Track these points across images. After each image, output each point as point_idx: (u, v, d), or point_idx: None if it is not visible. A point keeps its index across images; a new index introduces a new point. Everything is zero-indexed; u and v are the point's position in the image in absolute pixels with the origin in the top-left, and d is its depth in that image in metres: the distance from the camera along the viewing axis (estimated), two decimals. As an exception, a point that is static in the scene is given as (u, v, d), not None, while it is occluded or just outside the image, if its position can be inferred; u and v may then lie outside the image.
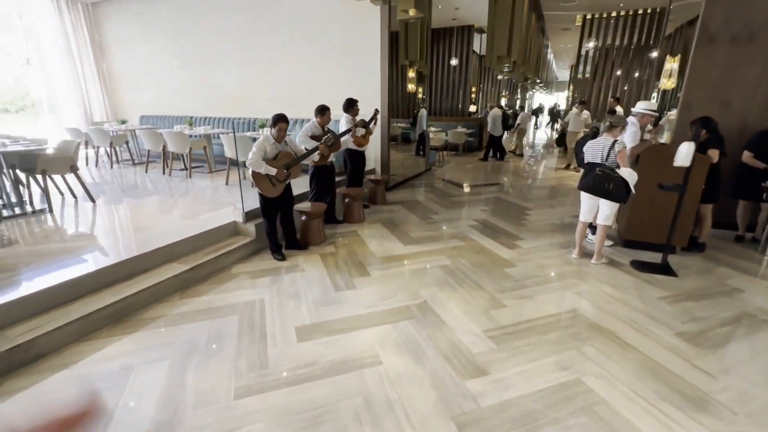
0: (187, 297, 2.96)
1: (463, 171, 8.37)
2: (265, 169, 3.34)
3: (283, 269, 3.46)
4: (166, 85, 8.29)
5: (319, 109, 4.14)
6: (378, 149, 6.20)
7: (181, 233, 3.48)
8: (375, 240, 4.17)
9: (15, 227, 3.75)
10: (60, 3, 8.18)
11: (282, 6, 6.41)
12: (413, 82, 7.41)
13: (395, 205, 5.60)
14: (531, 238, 4.24)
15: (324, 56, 6.27)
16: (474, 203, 5.72)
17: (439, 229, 4.53)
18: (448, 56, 12.02)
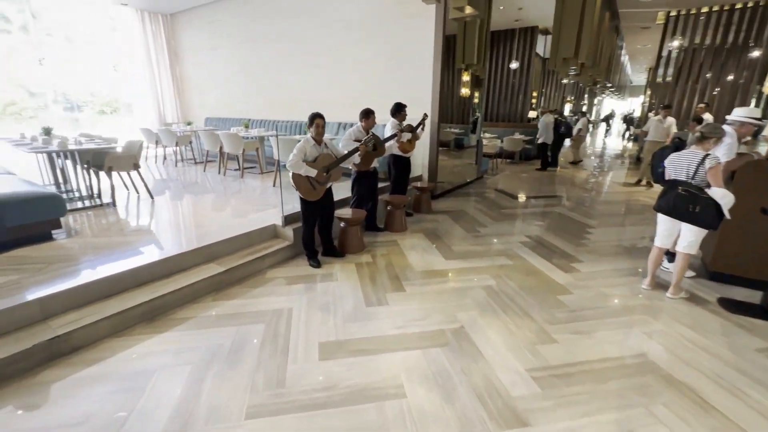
0: (220, 299, 2.96)
1: (518, 181, 7.82)
2: (305, 171, 3.27)
3: (316, 277, 3.36)
4: (228, 89, 8.75)
5: (364, 113, 4.02)
6: (426, 155, 5.96)
7: (223, 233, 3.53)
8: (415, 252, 3.94)
9: (81, 219, 4.06)
10: (144, 14, 9.00)
11: (335, 9, 6.43)
12: (467, 86, 7.08)
13: (441, 214, 5.31)
14: (592, 261, 3.75)
15: (376, 59, 6.18)
16: (528, 217, 5.26)
17: (485, 244, 4.18)
18: (508, 59, 11.42)
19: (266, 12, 7.43)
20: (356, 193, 4.24)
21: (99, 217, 4.14)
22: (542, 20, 10.54)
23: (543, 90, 14.26)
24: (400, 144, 4.63)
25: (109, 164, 4.31)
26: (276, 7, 7.25)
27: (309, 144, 3.36)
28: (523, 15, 10.10)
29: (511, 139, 9.67)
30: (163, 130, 7.24)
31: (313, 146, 3.38)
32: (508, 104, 11.85)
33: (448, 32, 5.70)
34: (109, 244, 3.32)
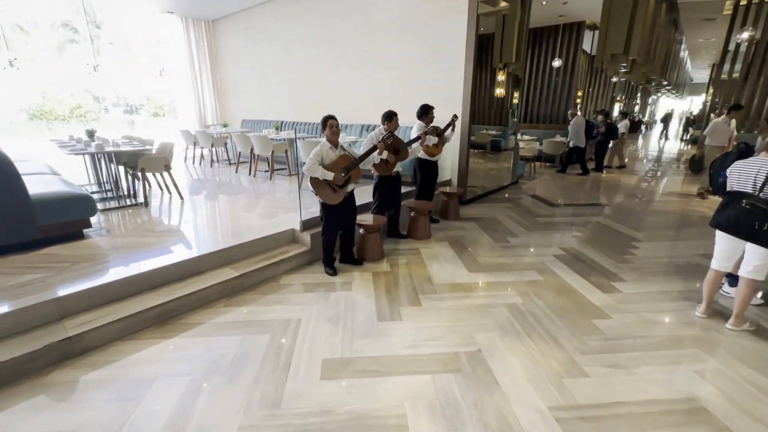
0: (232, 305, 2.92)
1: (558, 186, 7.32)
2: (321, 174, 3.16)
3: (331, 286, 3.24)
4: (263, 91, 8.93)
5: (386, 116, 3.86)
6: (455, 158, 5.70)
7: (242, 236, 3.53)
8: (437, 262, 3.73)
9: (115, 218, 4.22)
10: (188, 21, 9.41)
11: (366, 10, 6.32)
12: (502, 86, 6.70)
13: (469, 221, 5.04)
14: (636, 281, 3.34)
15: (406, 60, 6.00)
16: (565, 226, 4.85)
17: (514, 256, 3.87)
18: (551, 57, 10.80)
19: (299, 15, 7.48)
20: (377, 199, 4.09)
21: (131, 216, 4.28)
22: (590, 14, 9.86)
23: (590, 89, 13.40)
24: (425, 147, 4.43)
25: (141, 165, 4.46)
26: (308, 11, 7.28)
27: (325, 147, 3.25)
28: (568, 9, 9.49)
29: (551, 142, 9.12)
30: (200, 132, 7.49)
31: (330, 149, 3.27)
32: (550, 105, 11.20)
33: (485, 30, 5.42)
34: (133, 245, 3.40)
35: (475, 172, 6.21)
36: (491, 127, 8.33)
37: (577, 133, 8.34)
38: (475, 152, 7.12)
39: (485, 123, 7.65)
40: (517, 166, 7.38)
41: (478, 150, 7.28)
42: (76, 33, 20.47)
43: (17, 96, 20.60)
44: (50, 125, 20.68)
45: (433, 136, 4.41)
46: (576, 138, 8.38)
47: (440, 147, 4.55)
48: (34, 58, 20.63)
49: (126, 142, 5.06)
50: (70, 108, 21.82)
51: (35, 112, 20.67)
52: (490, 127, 8.20)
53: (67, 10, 20.67)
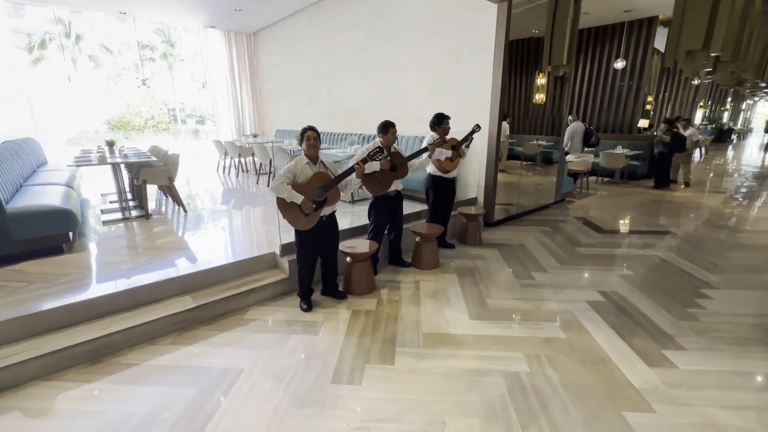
0: (179, 343, 2.55)
1: (614, 207, 6.20)
2: (289, 195, 2.69)
3: (297, 325, 2.75)
4: (296, 101, 8.84)
5: (381, 127, 3.33)
6: (482, 173, 4.97)
7: (220, 259, 3.22)
8: (434, 301, 3.08)
9: (108, 230, 4.14)
10: (230, 35, 9.68)
11: (393, 13, 5.86)
12: (547, 91, 5.81)
13: (491, 248, 4.29)
14: (701, 351, 2.43)
15: (430, 63, 5.43)
16: (612, 261, 3.92)
17: (535, 299, 3.10)
18: (614, 58, 9.50)
19: (328, 22, 7.25)
20: (373, 221, 3.54)
21: (125, 230, 4.18)
22: (662, 8, 8.52)
23: (664, 94, 11.68)
24: (436, 162, 3.82)
25: (143, 177, 4.37)
26: (336, 17, 7.01)
27: (302, 163, 2.80)
28: (635, 2, 8.26)
29: (609, 154, 7.92)
30: (228, 142, 7.53)
31: (307, 165, 2.80)
32: (612, 112, 9.85)
33: (535, 32, 4.71)
34: (102, 264, 3.21)
35: (511, 188, 5.40)
36: (542, 137, 7.40)
37: (571, 140, 7.34)
38: (523, 165, 6.29)
39: (535, 132, 6.72)
40: (562, 181, 6.39)
41: (528, 162, 6.41)
42: (153, 51, 22.63)
43: (106, 108, 23.26)
44: (127, 134, 22.99)
45: (445, 149, 3.79)
46: (570, 145, 7.57)
47: (455, 162, 3.90)
48: (119, 75, 23.16)
49: (139, 153, 5.07)
50: (144, 119, 24.14)
51: (116, 123, 23.10)
52: (540, 137, 7.28)
53: (147, 31, 22.96)
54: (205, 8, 7.71)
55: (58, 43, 20.01)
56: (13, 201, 3.44)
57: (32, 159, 5.24)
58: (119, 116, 23.25)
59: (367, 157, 2.94)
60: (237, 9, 7.70)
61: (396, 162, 3.33)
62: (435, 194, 4.03)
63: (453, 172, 3.95)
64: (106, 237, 3.94)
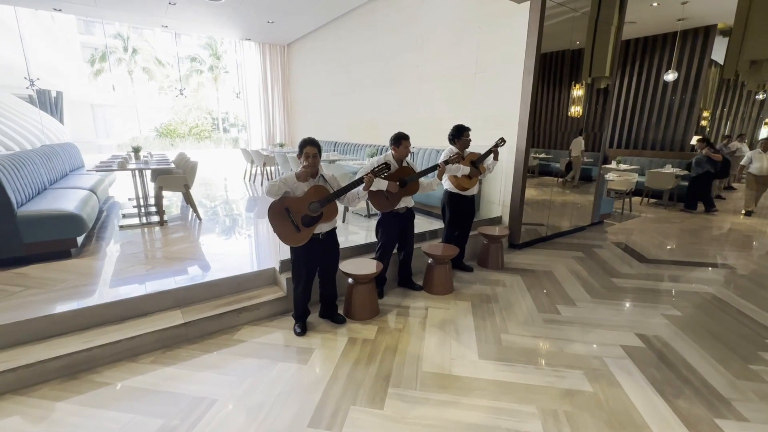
0: (160, 362, 2.39)
1: (660, 232, 5.56)
2: (280, 185, 2.48)
3: (286, 351, 2.53)
4: (322, 111, 8.84)
5: (393, 139, 3.09)
6: (506, 190, 4.59)
7: (226, 270, 3.10)
8: (441, 333, 2.76)
9: (119, 237, 4.16)
10: (265, 47, 9.92)
11: (419, 21, 5.68)
12: (579, 103, 5.34)
13: (514, 274, 3.90)
14: (764, 420, 1.95)
15: (456, 73, 5.16)
16: (656, 297, 3.40)
17: (559, 339, 2.69)
18: (663, 69, 8.78)
19: (355, 33, 7.19)
20: (381, 239, 3.28)
21: (137, 236, 4.18)
22: (721, 16, 7.78)
23: (723, 109, 10.65)
24: (453, 179, 3.53)
25: (159, 184, 4.40)
26: (364, 26, 6.93)
27: (299, 178, 2.61)
28: (690, 10, 7.59)
29: (656, 173, 7.22)
30: (254, 151, 7.60)
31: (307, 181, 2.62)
32: (661, 127, 9.07)
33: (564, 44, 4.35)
34: (102, 272, 3.16)
35: (543, 207, 4.96)
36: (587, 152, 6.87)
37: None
38: (559, 182, 5.82)
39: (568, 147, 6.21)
40: (600, 201, 5.83)
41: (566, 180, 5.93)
42: (201, 63, 23.97)
43: (156, 116, 24.83)
44: (173, 141, 24.34)
45: (464, 164, 3.49)
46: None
47: (474, 179, 3.58)
48: (170, 86, 24.69)
49: (162, 160, 5.14)
50: (189, 127, 25.49)
51: (163, 130, 24.55)
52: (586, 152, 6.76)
53: (196, 46, 24.39)
54: (239, 22, 7.92)
55: (117, 56, 21.66)
56: (31, 203, 3.51)
57: (66, 163, 5.46)
58: (166, 124, 24.70)
59: (377, 170, 2.70)
60: (269, 21, 7.84)
61: (406, 178, 3.07)
62: (452, 212, 3.72)
63: (472, 189, 3.63)
64: (117, 242, 3.95)
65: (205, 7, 6.92)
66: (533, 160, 5.08)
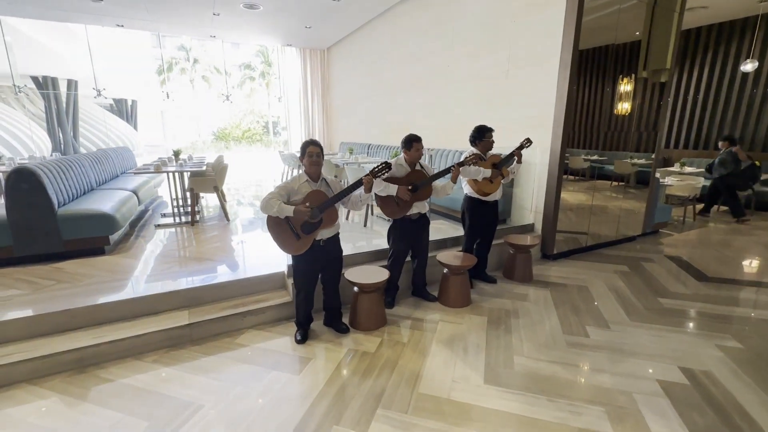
0: (162, 361, 2.45)
1: (728, 245, 4.82)
2: (278, 210, 2.40)
3: (282, 359, 2.47)
4: (358, 114, 8.84)
5: (405, 141, 2.94)
6: (540, 195, 4.23)
7: (239, 272, 3.17)
8: (447, 351, 2.55)
9: (158, 234, 4.39)
10: (305, 52, 10.16)
11: (451, 19, 5.43)
12: (627, 99, 4.75)
13: (542, 287, 3.56)
14: None
15: (489, 73, 4.86)
16: (712, 323, 2.91)
17: (582, 366, 2.37)
18: (741, 58, 7.69)
19: (389, 34, 7.09)
20: (392, 247, 3.14)
21: (169, 235, 4.40)
22: (817, -8, 6.64)
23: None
24: (471, 183, 3.29)
25: (191, 186, 4.60)
26: (398, 27, 6.81)
27: (300, 181, 2.54)
28: (775, -11, 6.57)
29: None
30: (285, 155, 7.79)
31: (306, 183, 2.54)
32: (739, 124, 7.94)
33: (612, 38, 3.92)
34: (132, 268, 3.34)
35: (587, 213, 4.49)
36: (637, 154, 6.20)
37: None
38: (614, 186, 5.29)
39: (629, 149, 5.58)
40: (654, 209, 5.20)
41: (620, 183, 5.38)
42: (253, 70, 25.30)
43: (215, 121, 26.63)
44: (227, 144, 25.93)
45: (485, 167, 3.24)
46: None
47: (497, 183, 3.31)
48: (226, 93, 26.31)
49: (198, 163, 5.40)
50: (242, 131, 27.02)
51: (219, 134, 26.24)
52: (636, 155, 6.10)
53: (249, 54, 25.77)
54: (278, 29, 8.17)
55: (180, 66, 23.53)
56: (74, 203, 3.81)
57: (117, 165, 5.92)
58: (222, 128, 26.39)
59: (376, 170, 2.57)
60: (307, 26, 7.99)
61: (418, 183, 2.90)
62: (472, 219, 3.47)
63: (495, 194, 3.36)
64: (149, 241, 4.18)
65: (246, 16, 7.21)
66: (584, 162, 4.68)
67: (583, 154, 4.60)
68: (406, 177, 2.94)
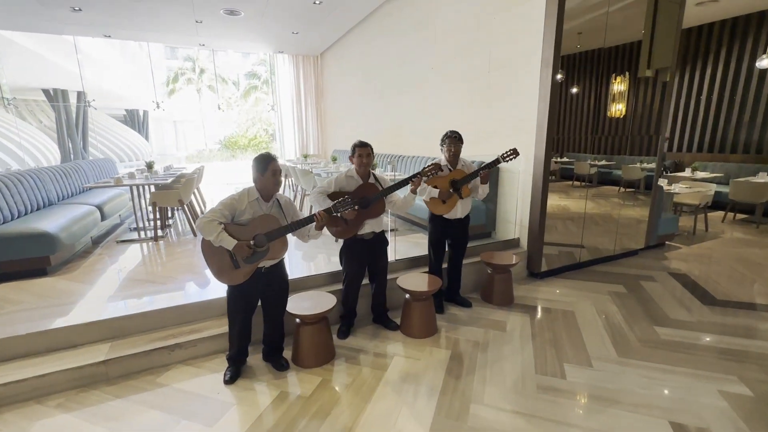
0: (64, 407, 2.14)
1: (743, 260, 4.30)
2: (216, 239, 2.11)
3: (200, 405, 2.14)
4: (353, 121, 8.56)
5: (351, 148, 2.60)
6: (525, 207, 3.83)
7: (178, 297, 2.88)
8: (394, 396, 2.18)
9: (112, 252, 4.15)
10: (298, 58, 9.97)
11: (435, 18, 5.10)
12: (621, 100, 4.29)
13: (522, 312, 3.15)
14: None
15: (471, 74, 4.50)
16: (716, 361, 2.46)
17: (548, 419, 1.97)
18: (757, 54, 7.12)
19: (376, 36, 6.80)
20: (344, 269, 2.79)
21: (124, 252, 4.14)
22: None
23: None
24: (430, 200, 2.92)
25: (153, 199, 4.35)
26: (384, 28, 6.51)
27: (249, 198, 2.21)
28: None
29: (744, 183, 5.77)
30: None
31: (257, 202, 2.22)
32: (757, 126, 7.34)
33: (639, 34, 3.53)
34: (65, 292, 3.07)
35: (585, 224, 4.06)
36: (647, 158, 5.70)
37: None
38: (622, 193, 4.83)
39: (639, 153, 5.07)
40: (658, 219, 4.72)
41: (629, 189, 4.91)
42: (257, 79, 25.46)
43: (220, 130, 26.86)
44: (233, 153, 26.07)
45: (439, 184, 2.87)
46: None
47: (450, 204, 2.92)
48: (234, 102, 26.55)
49: (169, 175, 5.17)
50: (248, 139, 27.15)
51: (226, 143, 26.41)
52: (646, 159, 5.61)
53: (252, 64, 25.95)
54: (264, 35, 7.97)
55: (187, 77, 23.81)
56: (18, 221, 3.61)
57: (90, 179, 5.71)
58: (228, 137, 26.56)
59: (338, 205, 2.23)
60: (294, 32, 7.78)
61: (368, 197, 2.55)
62: (432, 236, 3.10)
63: (455, 211, 2.97)
64: (102, 259, 3.93)
65: (229, 23, 7.03)
66: (591, 167, 4.32)
67: (589, 159, 4.25)
68: (356, 191, 2.60)
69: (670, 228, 4.91)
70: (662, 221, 4.77)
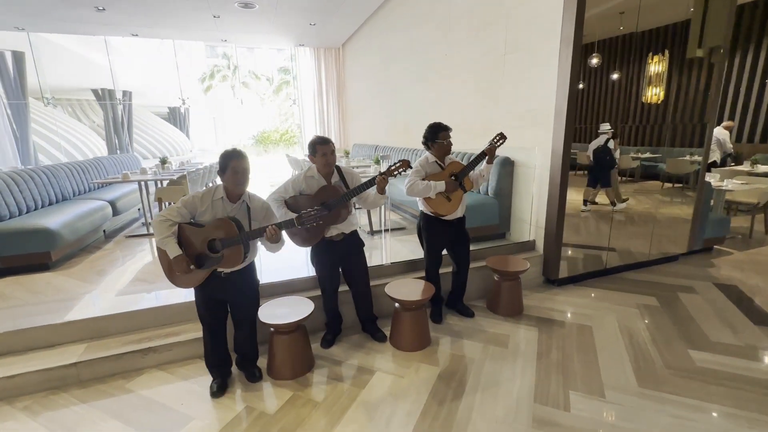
0: (31, 410, 2.09)
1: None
2: (161, 241, 1.94)
3: (163, 418, 2.01)
4: (371, 113, 8.32)
5: (310, 145, 2.34)
6: (541, 206, 3.43)
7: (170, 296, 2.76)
8: (363, 421, 1.94)
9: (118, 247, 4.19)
10: (319, 51, 9.83)
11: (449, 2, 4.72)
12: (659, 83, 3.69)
13: (531, 325, 2.80)
14: None
15: (485, 60, 4.10)
16: (761, 395, 2.01)
17: (541, 466, 1.65)
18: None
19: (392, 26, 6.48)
20: (318, 276, 2.57)
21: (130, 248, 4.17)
22: None
23: None
24: (427, 201, 2.62)
25: (158, 195, 4.35)
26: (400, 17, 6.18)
27: (214, 197, 2.03)
28: None
29: (815, 179, 4.94)
30: (291, 158, 7.47)
31: (221, 201, 2.04)
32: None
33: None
34: (63, 288, 3.09)
35: (616, 225, 3.60)
36: (698, 150, 5.03)
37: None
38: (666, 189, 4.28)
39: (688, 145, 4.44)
40: (705, 220, 4.11)
41: (677, 185, 4.33)
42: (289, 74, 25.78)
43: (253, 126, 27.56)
44: (266, 147, 26.67)
45: (439, 178, 2.57)
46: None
47: (456, 199, 2.61)
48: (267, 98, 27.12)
49: (179, 171, 5.19)
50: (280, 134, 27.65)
51: (259, 138, 27.06)
52: (696, 151, 4.95)
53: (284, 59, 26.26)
54: (281, 27, 7.87)
55: (223, 74, 24.54)
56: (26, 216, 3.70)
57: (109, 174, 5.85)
58: (261, 132, 27.20)
59: (304, 219, 2.00)
60: (311, 23, 7.61)
61: (330, 201, 2.29)
62: (429, 239, 2.79)
63: (457, 211, 2.66)
64: (109, 254, 3.97)
65: (245, 17, 6.98)
66: (633, 161, 3.91)
67: (632, 152, 3.85)
68: (318, 194, 2.34)
69: (720, 230, 4.27)
70: (711, 222, 4.16)
